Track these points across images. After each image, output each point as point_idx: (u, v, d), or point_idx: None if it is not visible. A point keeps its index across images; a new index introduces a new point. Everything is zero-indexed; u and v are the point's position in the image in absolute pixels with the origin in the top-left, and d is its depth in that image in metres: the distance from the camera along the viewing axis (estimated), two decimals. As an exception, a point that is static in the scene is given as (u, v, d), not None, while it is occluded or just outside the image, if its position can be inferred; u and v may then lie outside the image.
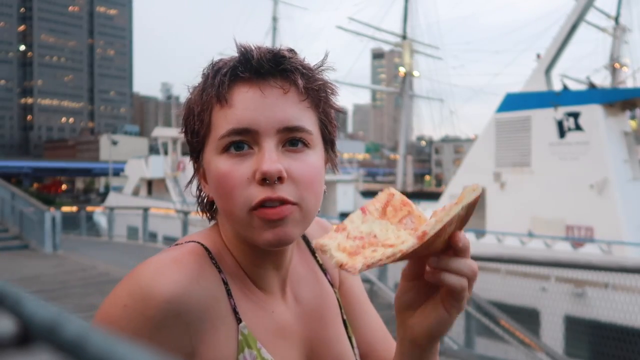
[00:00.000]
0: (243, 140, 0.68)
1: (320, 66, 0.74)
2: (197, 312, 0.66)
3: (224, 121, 0.69)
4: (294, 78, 0.69)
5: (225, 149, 0.69)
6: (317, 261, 0.86)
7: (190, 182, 0.77)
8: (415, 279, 0.66)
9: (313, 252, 0.86)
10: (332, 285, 0.86)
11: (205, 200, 0.77)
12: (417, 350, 0.68)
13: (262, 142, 0.68)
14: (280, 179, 0.67)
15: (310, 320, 0.79)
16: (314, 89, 0.71)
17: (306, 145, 0.70)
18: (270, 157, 0.67)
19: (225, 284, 0.71)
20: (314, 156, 0.71)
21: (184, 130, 0.75)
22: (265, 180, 0.66)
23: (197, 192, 0.77)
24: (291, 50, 0.72)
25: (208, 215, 0.78)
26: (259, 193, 0.67)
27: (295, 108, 0.70)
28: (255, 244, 0.70)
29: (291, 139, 0.69)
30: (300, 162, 0.69)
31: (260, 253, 0.73)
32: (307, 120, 0.70)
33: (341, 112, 0.76)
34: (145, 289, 0.64)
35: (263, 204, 0.67)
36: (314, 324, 0.79)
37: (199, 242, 0.73)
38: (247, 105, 0.68)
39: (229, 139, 0.68)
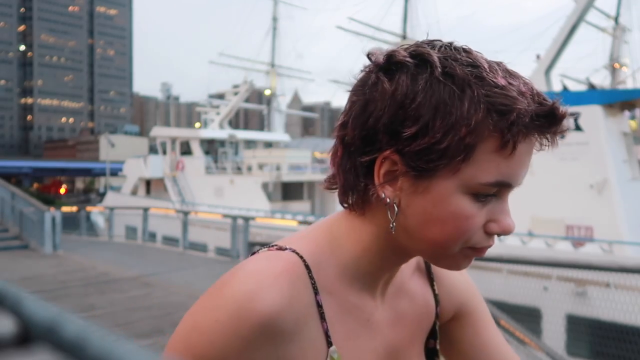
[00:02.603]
0: (495, 192, 0.64)
1: None
2: (288, 334, 0.64)
3: (495, 168, 0.62)
4: (554, 141, 0.67)
5: (474, 191, 0.63)
6: (434, 289, 0.84)
7: (350, 172, 0.67)
8: None
9: (432, 279, 0.85)
10: (437, 316, 0.84)
11: (369, 195, 0.67)
12: None
13: (505, 195, 0.66)
14: None
15: (401, 330, 0.78)
16: None
17: None
18: (510, 214, 0.66)
19: (320, 306, 0.67)
20: None
21: (411, 130, 0.61)
22: (500, 235, 0.66)
23: (350, 178, 0.68)
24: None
25: (354, 206, 0.70)
26: (484, 240, 0.66)
27: None
28: (432, 263, 0.72)
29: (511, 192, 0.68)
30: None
31: (396, 258, 0.72)
32: None
33: None
34: (242, 307, 0.61)
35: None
36: (403, 335, 0.78)
37: (297, 253, 0.68)
38: (523, 162, 0.63)
39: (489, 190, 0.63)
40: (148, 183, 28.41)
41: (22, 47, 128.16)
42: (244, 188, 23.80)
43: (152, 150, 31.49)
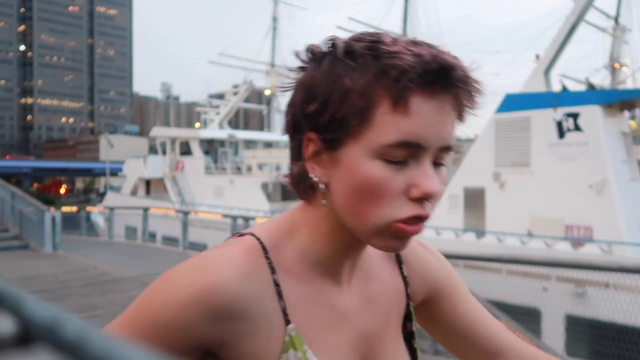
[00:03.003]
0: (407, 154, 0.65)
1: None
2: (236, 311, 0.66)
3: (395, 128, 0.63)
4: (467, 102, 0.66)
5: (382, 156, 0.65)
6: (402, 271, 0.85)
7: (294, 159, 0.72)
8: None
9: (400, 261, 0.85)
10: (409, 297, 0.85)
11: (308, 183, 0.71)
12: None
13: (423, 157, 0.65)
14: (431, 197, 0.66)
15: (372, 314, 0.78)
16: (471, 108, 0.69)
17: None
18: (433, 177, 0.65)
19: (277, 285, 0.70)
20: (445, 168, 0.71)
21: (310, 107, 0.67)
22: (423, 199, 0.65)
23: (293, 167, 0.73)
24: (462, 60, 0.67)
25: (302, 194, 0.74)
26: (409, 208, 0.65)
27: (454, 126, 0.68)
28: (366, 242, 0.70)
29: (442, 156, 0.68)
30: (441, 179, 0.68)
31: (351, 243, 0.73)
32: (454, 135, 0.69)
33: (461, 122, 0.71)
34: (190, 282, 0.65)
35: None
36: (375, 318, 0.79)
37: (254, 236, 0.72)
38: (425, 119, 0.64)
39: (396, 151, 0.64)
40: (148, 183, 28.43)
41: (22, 47, 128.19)
42: (243, 188, 23.80)
43: (152, 150, 31.52)
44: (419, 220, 0.66)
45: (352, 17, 33.38)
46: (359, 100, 0.64)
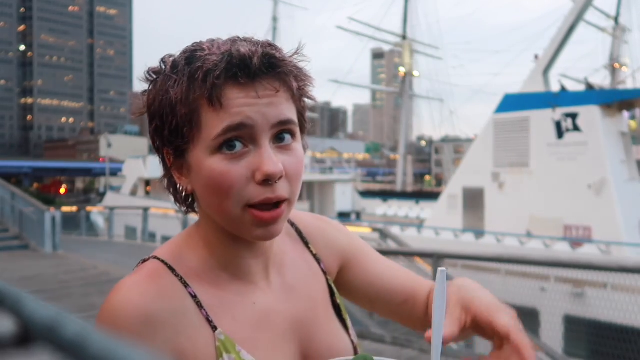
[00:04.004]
0: (238, 137, 0.68)
1: (296, 54, 0.74)
2: (168, 328, 0.68)
3: (217, 121, 0.67)
4: (288, 81, 0.70)
5: (218, 149, 0.68)
6: (311, 250, 0.88)
7: (165, 176, 0.77)
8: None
9: (306, 242, 0.88)
10: (325, 273, 0.87)
11: (183, 194, 0.77)
12: None
13: (259, 139, 0.68)
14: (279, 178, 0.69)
15: (298, 301, 0.80)
16: (300, 85, 0.73)
17: (292, 136, 0.72)
18: (271, 157, 0.68)
19: (194, 296, 0.72)
20: (299, 147, 0.73)
21: (155, 125, 0.72)
22: (267, 181, 0.68)
23: (168, 184, 0.77)
24: (274, 47, 0.72)
25: (185, 207, 0.78)
26: (259, 193, 0.68)
27: (286, 104, 0.71)
28: (242, 237, 0.73)
29: (281, 132, 0.70)
30: (292, 157, 0.71)
31: (242, 244, 0.75)
32: (292, 112, 0.72)
33: (314, 100, 0.77)
34: (117, 317, 0.67)
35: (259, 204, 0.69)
36: (302, 304, 0.80)
37: (157, 258, 0.75)
38: (243, 106, 0.67)
39: (224, 137, 0.67)
40: (148, 183, 28.43)
41: (22, 47, 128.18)
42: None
43: (152, 150, 31.49)
44: (272, 205, 0.69)
45: (352, 17, 33.43)
46: (182, 108, 0.68)
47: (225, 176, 0.68)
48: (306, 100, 0.76)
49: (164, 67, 0.72)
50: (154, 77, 0.73)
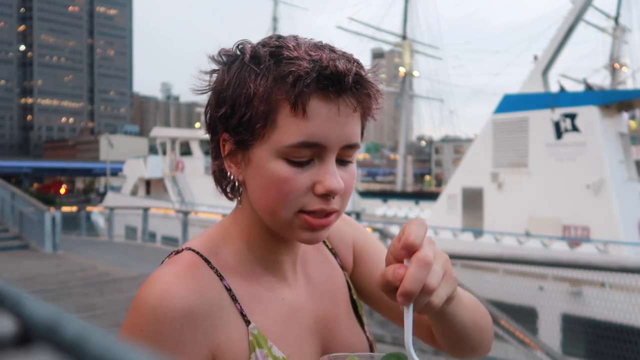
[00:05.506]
0: (310, 154, 0.69)
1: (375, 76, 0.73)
2: (208, 321, 0.69)
3: (296, 130, 0.67)
4: (367, 102, 0.71)
5: (286, 155, 0.69)
6: (327, 245, 0.90)
7: (215, 160, 0.76)
8: None
9: None
10: (342, 267, 0.89)
11: (230, 181, 0.76)
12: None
13: (326, 156, 0.69)
14: None
15: (321, 298, 0.82)
16: (375, 107, 0.73)
17: (352, 155, 0.73)
18: (335, 175, 0.69)
19: (229, 290, 0.73)
20: (354, 164, 0.75)
21: (224, 111, 0.71)
22: (327, 195, 0.69)
23: (214, 167, 0.77)
24: (361, 65, 0.71)
25: (229, 195, 0.78)
26: (315, 203, 0.69)
27: (357, 124, 0.72)
28: (284, 236, 0.74)
29: (348, 154, 0.72)
30: (348, 174, 0.72)
31: (280, 240, 0.77)
32: (359, 132, 0.73)
33: (375, 120, 0.77)
34: (158, 310, 0.66)
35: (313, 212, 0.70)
36: (325, 301, 0.82)
37: (193, 250, 0.75)
38: (323, 120, 0.67)
39: (298, 151, 0.68)
40: (148, 183, 28.45)
41: (22, 47, 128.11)
42: (243, 188, 23.77)
43: (152, 150, 31.52)
44: (325, 214, 0.71)
45: (352, 17, 33.42)
46: (261, 104, 0.68)
47: (287, 183, 0.69)
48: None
49: (240, 54, 0.72)
50: (226, 60, 0.73)
